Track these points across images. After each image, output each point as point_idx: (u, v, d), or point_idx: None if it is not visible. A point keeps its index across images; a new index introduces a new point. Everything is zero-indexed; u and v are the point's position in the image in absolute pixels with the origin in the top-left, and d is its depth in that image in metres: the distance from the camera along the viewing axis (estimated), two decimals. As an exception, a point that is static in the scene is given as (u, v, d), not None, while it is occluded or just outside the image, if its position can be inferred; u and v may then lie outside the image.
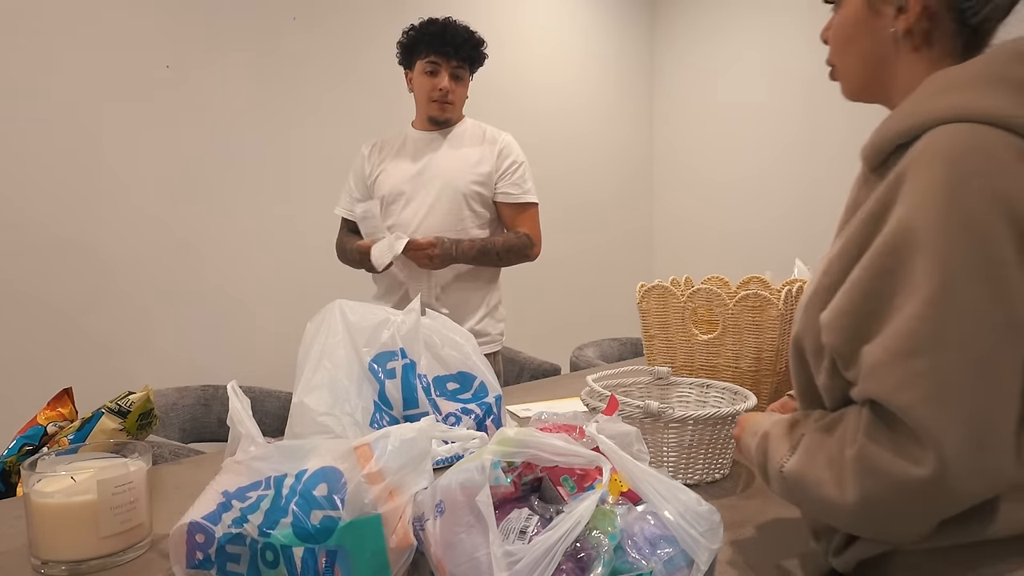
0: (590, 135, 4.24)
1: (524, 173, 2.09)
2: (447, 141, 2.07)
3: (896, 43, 0.77)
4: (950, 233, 0.64)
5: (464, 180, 2.02)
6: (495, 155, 2.05)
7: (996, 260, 0.63)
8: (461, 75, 2.02)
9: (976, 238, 0.63)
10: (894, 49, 0.78)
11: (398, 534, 0.75)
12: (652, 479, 0.72)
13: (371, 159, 2.10)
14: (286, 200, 2.96)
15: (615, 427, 0.81)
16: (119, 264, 2.57)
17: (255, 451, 0.84)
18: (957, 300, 0.63)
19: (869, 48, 0.80)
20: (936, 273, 0.63)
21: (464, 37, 1.99)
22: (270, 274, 2.93)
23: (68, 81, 2.43)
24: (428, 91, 2.00)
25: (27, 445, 1.26)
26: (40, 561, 0.88)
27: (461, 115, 2.11)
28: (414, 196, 2.02)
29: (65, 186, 2.44)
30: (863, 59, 0.81)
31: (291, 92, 2.97)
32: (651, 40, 4.63)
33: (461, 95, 2.05)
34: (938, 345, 0.63)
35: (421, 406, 1.21)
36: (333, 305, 1.23)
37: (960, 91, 0.69)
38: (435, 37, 1.97)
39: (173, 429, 1.96)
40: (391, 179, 2.04)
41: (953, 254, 0.63)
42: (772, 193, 4.23)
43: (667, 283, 1.52)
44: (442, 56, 1.97)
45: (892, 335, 0.65)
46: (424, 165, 2.03)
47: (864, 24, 0.79)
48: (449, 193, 2.00)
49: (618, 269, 4.33)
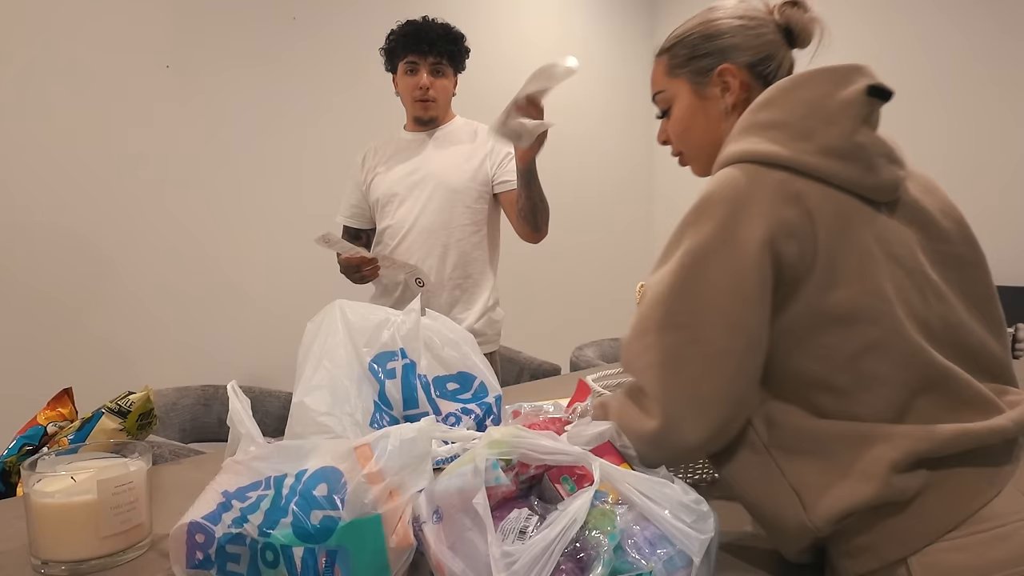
0: (590, 135, 4.24)
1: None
2: (438, 140, 2.07)
3: (727, 115, 0.95)
4: (692, 235, 0.80)
5: (457, 177, 2.01)
6: (489, 148, 2.05)
7: (713, 254, 0.78)
8: (441, 70, 2.01)
9: (708, 240, 0.79)
10: (726, 120, 0.95)
11: (398, 534, 0.75)
12: (633, 479, 0.72)
13: (365, 165, 2.11)
14: (286, 200, 2.96)
15: (592, 429, 0.80)
16: (119, 264, 2.57)
17: (255, 451, 0.84)
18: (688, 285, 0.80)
19: (706, 128, 0.98)
20: (676, 262, 0.80)
21: (439, 33, 1.98)
22: (270, 274, 2.93)
23: (69, 81, 2.43)
24: (410, 91, 2.00)
25: (27, 445, 1.26)
26: (40, 561, 0.88)
27: (450, 113, 2.10)
28: (407, 196, 2.01)
29: (66, 186, 2.44)
30: (706, 138, 0.98)
31: (291, 92, 2.97)
32: (651, 40, 4.63)
33: (443, 91, 2.03)
34: (663, 326, 0.80)
35: (421, 406, 1.21)
36: (333, 305, 1.23)
37: (728, 144, 0.86)
38: (410, 37, 1.97)
39: (173, 429, 1.96)
40: (385, 182, 2.04)
41: (693, 247, 0.80)
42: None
43: (667, 283, 1.51)
44: (419, 54, 1.97)
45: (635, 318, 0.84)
46: (416, 165, 2.03)
47: (699, 112, 0.98)
48: (443, 192, 2.00)
49: (618, 269, 4.33)
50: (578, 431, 0.80)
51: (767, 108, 0.85)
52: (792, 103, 0.83)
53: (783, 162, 0.80)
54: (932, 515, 0.74)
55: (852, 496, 0.75)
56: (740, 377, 0.78)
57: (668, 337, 0.79)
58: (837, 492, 0.76)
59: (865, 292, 0.77)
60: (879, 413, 0.77)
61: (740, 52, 0.94)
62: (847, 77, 0.83)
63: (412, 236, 2.00)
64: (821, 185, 0.79)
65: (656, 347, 0.79)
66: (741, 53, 0.94)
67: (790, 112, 0.83)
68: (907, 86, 3.83)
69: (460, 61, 2.05)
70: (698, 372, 0.78)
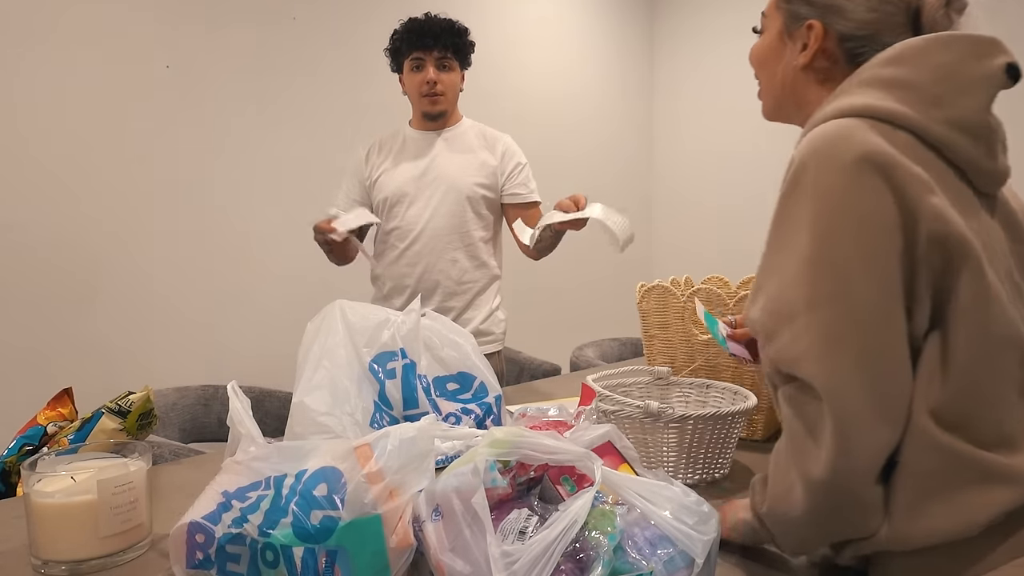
0: (589, 134, 4.24)
1: (528, 173, 2.10)
2: (448, 142, 2.05)
3: (802, 73, 0.88)
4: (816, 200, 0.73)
5: (468, 183, 2.01)
6: (499, 157, 2.05)
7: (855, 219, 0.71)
8: (447, 64, 1.99)
9: (837, 204, 0.72)
10: (802, 78, 0.88)
11: (398, 534, 0.75)
12: (633, 484, 0.72)
13: (369, 161, 2.09)
14: (286, 200, 2.96)
15: (591, 433, 0.80)
16: (119, 264, 2.57)
17: (255, 451, 0.84)
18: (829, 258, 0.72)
19: (779, 73, 0.91)
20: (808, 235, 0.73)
21: (444, 27, 1.96)
22: (270, 274, 2.93)
23: (68, 81, 2.43)
24: (417, 87, 1.99)
25: (27, 445, 1.26)
26: (40, 561, 0.88)
27: (457, 112, 2.10)
28: (417, 198, 2.00)
29: (65, 186, 2.44)
30: (774, 81, 0.93)
31: (291, 92, 2.97)
32: (651, 40, 4.63)
33: (451, 85, 2.01)
34: (814, 303, 0.71)
35: (421, 406, 1.21)
36: (333, 305, 1.23)
37: (838, 98, 0.79)
38: (414, 33, 1.96)
39: (173, 429, 1.96)
40: (394, 181, 2.03)
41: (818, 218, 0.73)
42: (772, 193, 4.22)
43: (667, 283, 1.52)
44: (423, 49, 1.95)
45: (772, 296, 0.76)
46: (427, 166, 2.02)
47: (776, 52, 0.91)
48: (453, 196, 2.00)
49: (618, 269, 4.33)
50: (579, 434, 0.80)
51: (895, 64, 0.77)
52: (925, 64, 0.75)
53: (911, 125, 0.73)
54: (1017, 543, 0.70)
55: (945, 533, 0.70)
56: (902, 346, 0.71)
57: (821, 313, 0.71)
58: (930, 524, 0.70)
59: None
60: (996, 431, 0.71)
61: (841, 18, 0.84)
62: (988, 50, 0.76)
63: (423, 239, 1.99)
64: (941, 162, 0.73)
65: (812, 326, 0.71)
66: (842, 19, 0.84)
67: (921, 73, 0.75)
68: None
69: (466, 55, 2.04)
70: (863, 342, 0.69)
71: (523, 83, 3.83)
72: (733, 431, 1.16)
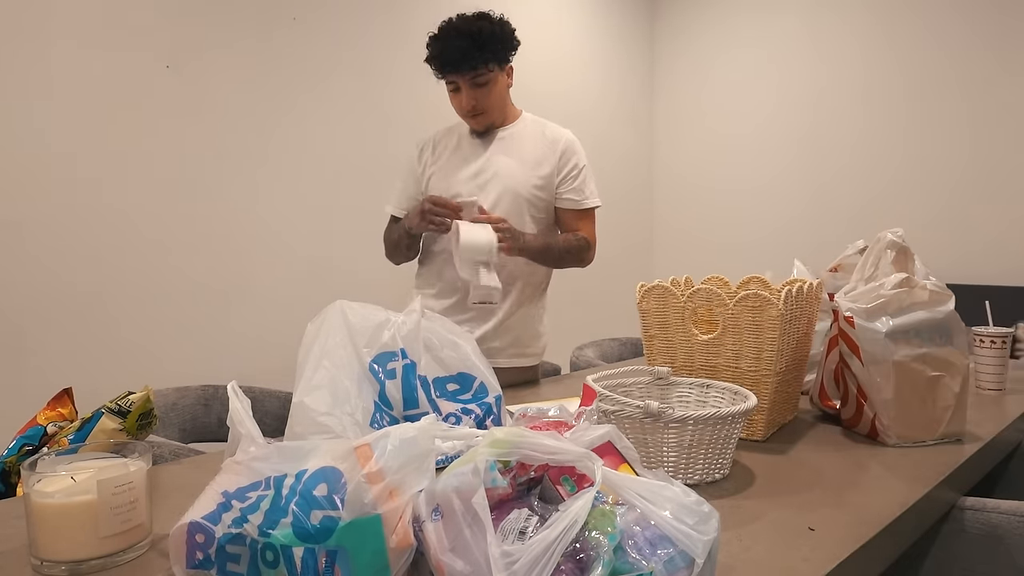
0: (590, 135, 4.22)
1: (586, 176, 2.00)
2: (504, 141, 1.98)
3: None
4: None
5: (525, 184, 1.93)
6: (557, 156, 1.96)
7: None
8: (482, 81, 1.88)
9: None
10: None
11: (398, 534, 0.75)
12: (633, 484, 0.72)
13: (422, 159, 2.02)
14: (286, 199, 2.96)
15: (591, 433, 0.80)
16: (119, 264, 2.57)
17: (255, 451, 0.83)
18: None
19: None
20: None
21: (464, 49, 1.83)
22: (270, 274, 2.93)
23: (68, 81, 2.43)
24: (458, 109, 1.94)
25: (27, 445, 1.26)
26: (40, 561, 0.88)
27: (513, 110, 2.02)
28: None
29: (65, 185, 2.44)
30: None
31: (291, 92, 2.97)
32: (651, 41, 4.63)
33: (495, 98, 1.92)
34: None
35: (421, 406, 1.21)
36: (334, 306, 1.23)
37: None
38: (437, 60, 1.87)
39: (173, 429, 1.96)
40: (445, 180, 1.95)
41: None
42: (773, 193, 4.23)
43: (667, 283, 1.52)
44: (454, 73, 1.88)
45: None
46: (481, 166, 1.95)
47: None
48: (509, 197, 1.92)
49: (618, 269, 4.33)
50: (579, 434, 0.80)
51: None
52: None
53: None
54: None
55: None
56: None
57: None
58: None
59: None
60: None
61: None
62: None
63: None
64: None
65: None
66: None
67: None
68: (919, 84, 3.83)
69: (503, 56, 1.92)
70: None
71: (523, 83, 3.83)
72: (733, 431, 1.16)
